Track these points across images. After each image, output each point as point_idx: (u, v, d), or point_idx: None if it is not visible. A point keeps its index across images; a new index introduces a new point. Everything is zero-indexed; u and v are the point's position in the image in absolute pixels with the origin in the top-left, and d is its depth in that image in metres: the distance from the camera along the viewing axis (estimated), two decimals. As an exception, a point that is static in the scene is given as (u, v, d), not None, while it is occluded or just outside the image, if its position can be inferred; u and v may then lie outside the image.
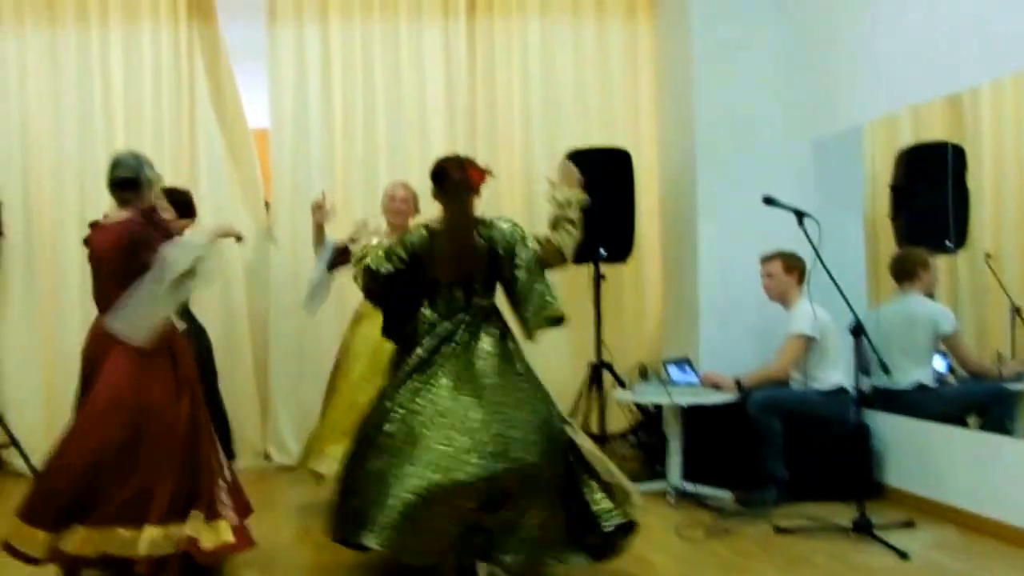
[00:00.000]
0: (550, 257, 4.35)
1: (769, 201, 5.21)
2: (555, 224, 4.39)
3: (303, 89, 7.28)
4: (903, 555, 4.51)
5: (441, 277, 4.40)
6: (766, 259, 5.99)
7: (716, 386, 5.88)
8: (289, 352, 7.09)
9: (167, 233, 4.38)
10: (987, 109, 5.59)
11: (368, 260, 4.48)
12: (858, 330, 4.98)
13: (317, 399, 6.07)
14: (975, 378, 5.63)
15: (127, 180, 4.34)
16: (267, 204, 7.25)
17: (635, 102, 7.47)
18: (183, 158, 7.13)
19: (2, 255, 6.76)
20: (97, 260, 4.33)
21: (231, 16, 7.25)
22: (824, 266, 5.05)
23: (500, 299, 4.49)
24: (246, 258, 7.13)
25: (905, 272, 5.87)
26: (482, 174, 4.48)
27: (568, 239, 4.37)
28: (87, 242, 4.44)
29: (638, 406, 6.91)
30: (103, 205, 4.72)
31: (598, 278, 6.89)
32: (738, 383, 5.82)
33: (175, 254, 4.19)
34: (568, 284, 7.14)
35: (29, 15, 7.02)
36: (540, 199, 7.00)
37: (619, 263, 7.01)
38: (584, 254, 6.75)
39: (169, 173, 6.78)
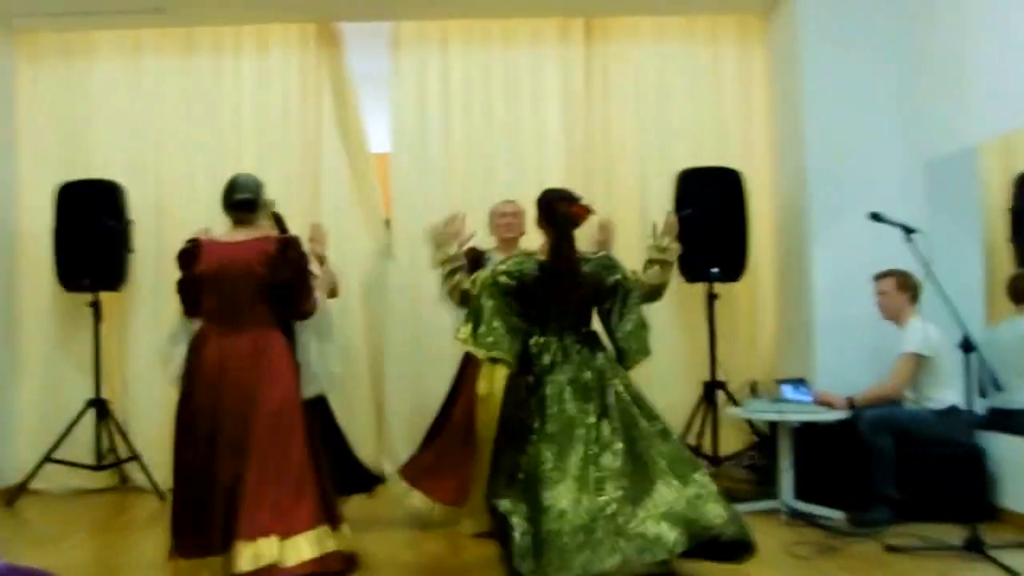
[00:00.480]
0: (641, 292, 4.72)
1: (876, 217, 5.23)
2: (649, 264, 4.83)
3: (424, 115, 7.48)
4: (1016, 575, 4.43)
5: (550, 306, 4.57)
6: (880, 277, 5.97)
7: (828, 404, 5.85)
8: (405, 367, 7.23)
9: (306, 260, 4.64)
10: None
11: (471, 289, 4.58)
12: (968, 346, 4.92)
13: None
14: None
15: (248, 201, 4.50)
16: (387, 222, 7.43)
17: (748, 124, 7.51)
18: (307, 179, 7.38)
19: (132, 271, 7.06)
20: (230, 274, 4.38)
21: (356, 44, 7.50)
22: (934, 280, 5.02)
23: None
24: (364, 275, 7.33)
25: (1020, 293, 5.79)
26: (585, 211, 4.61)
27: (656, 279, 4.80)
28: (194, 258, 4.46)
29: (753, 428, 6.93)
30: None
31: (711, 296, 6.92)
32: (850, 401, 5.79)
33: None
34: (681, 302, 7.23)
35: (169, 45, 7.40)
36: (653, 216, 7.15)
37: (732, 282, 7.01)
38: (697, 272, 6.83)
39: (295, 193, 7.09)
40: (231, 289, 4.37)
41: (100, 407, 6.92)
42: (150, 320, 7.14)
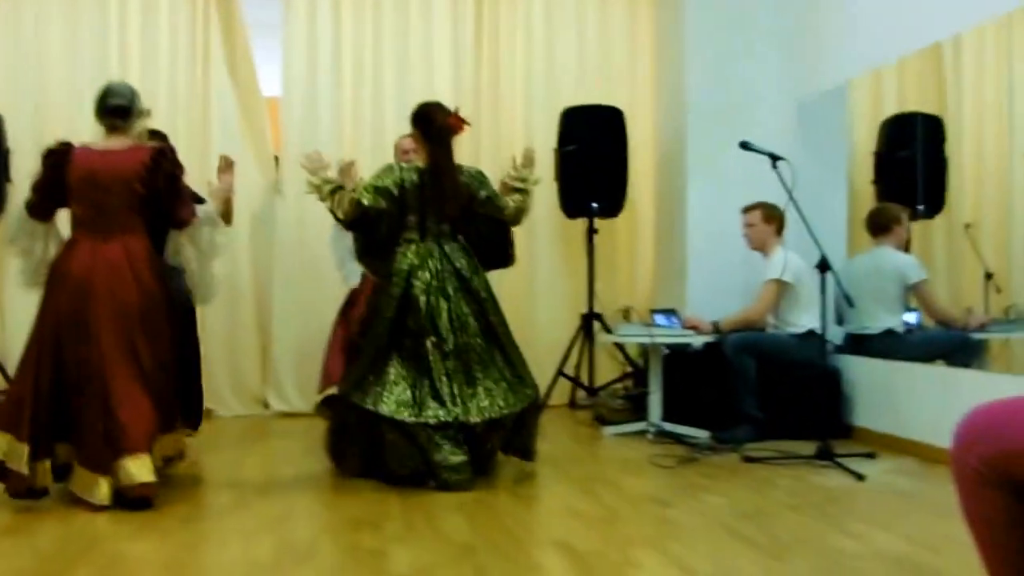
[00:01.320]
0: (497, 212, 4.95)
1: (745, 146, 5.40)
2: (510, 192, 5.00)
3: (315, 56, 7.43)
4: (860, 477, 4.65)
5: (431, 216, 4.75)
6: (747, 209, 6.16)
7: (695, 328, 6.04)
8: (291, 301, 7.23)
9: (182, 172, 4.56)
10: (969, 62, 5.74)
11: (360, 196, 4.68)
12: (824, 265, 5.11)
13: (318, 348, 6.32)
14: (943, 327, 5.80)
15: (121, 108, 4.44)
16: (276, 159, 7.42)
17: (633, 65, 7.69)
18: (196, 111, 7.28)
19: (10, 202, 6.65)
20: (102, 182, 4.34)
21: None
22: (797, 207, 5.20)
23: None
24: (253, 209, 7.27)
25: (878, 226, 6.03)
26: (460, 122, 4.82)
27: (519, 203, 4.98)
28: (65, 163, 4.39)
29: (627, 359, 7.10)
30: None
31: (591, 231, 7.06)
32: (716, 326, 5.98)
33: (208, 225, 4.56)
34: (562, 237, 7.40)
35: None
36: (538, 154, 7.28)
37: (612, 217, 7.19)
38: (578, 208, 6.98)
39: (183, 128, 7.01)
40: (103, 197, 4.33)
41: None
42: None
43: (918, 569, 3.20)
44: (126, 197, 4.34)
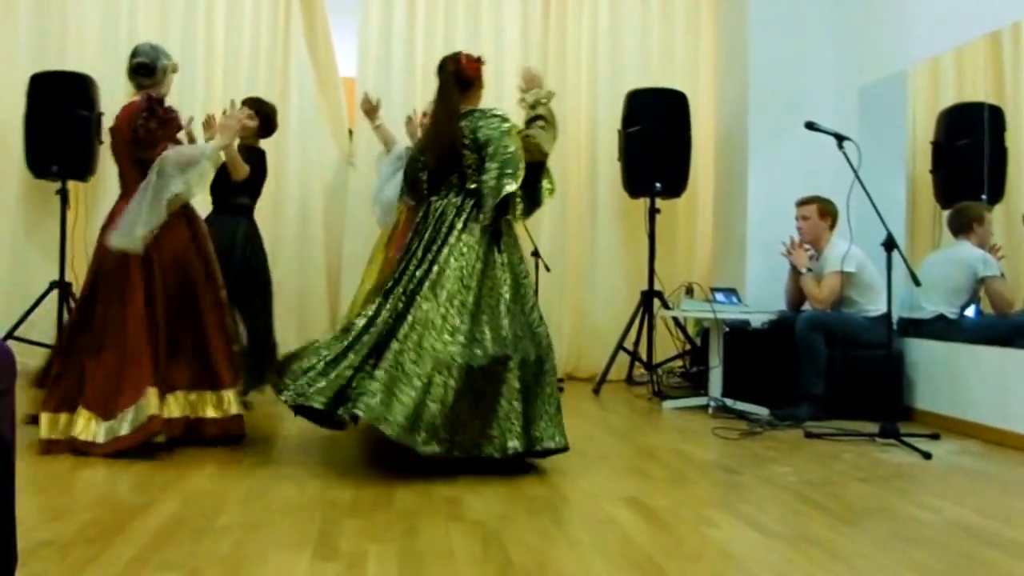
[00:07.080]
0: (532, 152, 4.15)
1: (811, 126, 5.20)
2: (528, 124, 4.25)
3: (389, 40, 7.42)
4: (926, 455, 4.47)
5: (428, 163, 4.29)
6: (802, 203, 5.99)
7: (795, 267, 5.98)
8: (361, 268, 7.07)
9: (168, 124, 4.28)
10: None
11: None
12: (890, 244, 4.92)
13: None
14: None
15: (142, 65, 4.35)
16: (351, 132, 7.35)
17: (695, 49, 7.60)
18: (276, 87, 7.23)
19: (101, 163, 6.69)
20: (115, 140, 4.35)
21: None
22: (863, 187, 5.01)
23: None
24: (327, 180, 7.24)
25: (960, 225, 5.81)
26: (474, 64, 4.29)
27: (542, 133, 4.19)
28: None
29: (686, 336, 6.94)
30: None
31: (653, 211, 6.91)
32: (802, 273, 5.91)
33: (173, 165, 4.16)
34: (625, 216, 7.27)
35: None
36: (602, 135, 7.20)
37: (674, 198, 7.04)
38: (640, 188, 6.85)
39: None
40: (117, 157, 4.36)
41: (63, 289, 6.64)
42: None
43: (992, 538, 3.04)
44: (124, 149, 4.28)
